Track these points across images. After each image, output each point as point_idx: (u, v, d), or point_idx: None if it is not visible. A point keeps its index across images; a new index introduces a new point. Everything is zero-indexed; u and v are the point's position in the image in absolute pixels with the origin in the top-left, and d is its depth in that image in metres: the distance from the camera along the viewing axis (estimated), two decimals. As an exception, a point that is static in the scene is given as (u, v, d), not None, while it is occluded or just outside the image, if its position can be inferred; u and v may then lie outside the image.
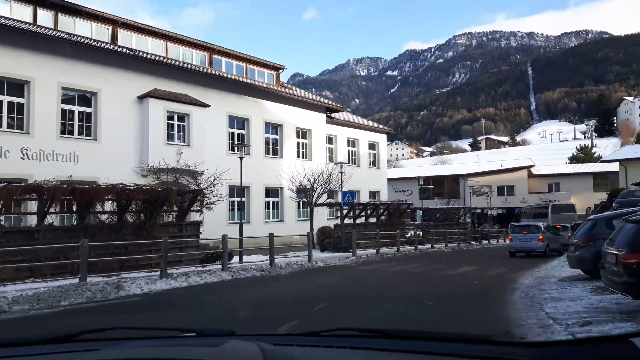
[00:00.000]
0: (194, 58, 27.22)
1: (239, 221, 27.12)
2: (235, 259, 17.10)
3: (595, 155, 78.63)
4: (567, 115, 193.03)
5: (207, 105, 24.73)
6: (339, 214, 25.51)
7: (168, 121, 23.50)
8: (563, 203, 47.22)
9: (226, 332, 1.67)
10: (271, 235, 16.31)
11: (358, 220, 25.80)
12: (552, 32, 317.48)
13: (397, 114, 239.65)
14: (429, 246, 26.70)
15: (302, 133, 31.38)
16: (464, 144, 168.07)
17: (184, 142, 23.98)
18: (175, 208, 16.46)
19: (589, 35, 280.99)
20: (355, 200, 24.30)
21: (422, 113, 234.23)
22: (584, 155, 76.74)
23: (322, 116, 32.63)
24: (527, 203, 54.56)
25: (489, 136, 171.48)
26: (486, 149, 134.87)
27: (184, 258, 15.91)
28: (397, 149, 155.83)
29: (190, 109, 24.17)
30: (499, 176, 60.00)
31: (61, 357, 1.45)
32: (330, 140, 34.40)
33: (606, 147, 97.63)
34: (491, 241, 35.03)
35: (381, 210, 26.40)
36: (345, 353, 1.46)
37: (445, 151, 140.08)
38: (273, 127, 29.67)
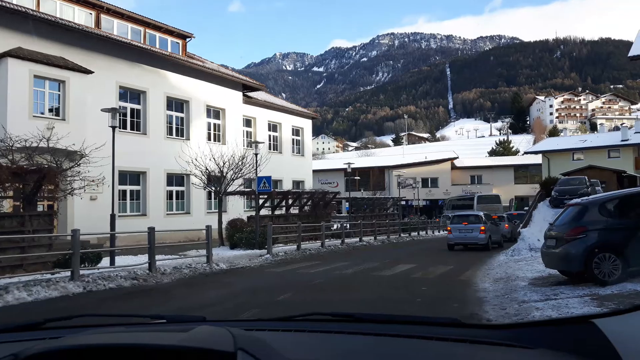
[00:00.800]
0: (77, 16, 21.88)
1: (134, 213, 22.13)
2: (106, 262, 12.44)
3: (513, 149, 79.81)
4: (482, 114, 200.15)
5: (90, 72, 19.64)
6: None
7: (36, 88, 18.29)
8: (488, 194, 46.01)
9: (197, 318, 1.64)
10: (151, 230, 11.84)
11: (278, 211, 21.79)
12: (469, 36, 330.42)
13: (324, 110, 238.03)
14: (357, 239, 23.22)
15: (214, 112, 26.83)
16: (387, 139, 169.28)
17: (58, 116, 18.82)
18: (12, 193, 11.55)
19: (502, 40, 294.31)
20: (274, 188, 20.29)
21: (347, 109, 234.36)
22: (503, 149, 77.57)
23: (239, 95, 28.20)
24: (450, 195, 53.15)
25: (411, 132, 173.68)
26: (408, 144, 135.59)
27: (26, 262, 11.16)
28: (323, 142, 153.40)
29: (66, 74, 19.01)
30: (423, 168, 58.35)
31: (25, 344, 1.29)
32: (248, 122, 30.08)
33: (520, 142, 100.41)
34: (420, 233, 32.34)
35: (304, 200, 22.52)
36: (317, 337, 1.46)
37: (369, 145, 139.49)
38: (178, 104, 24.91)
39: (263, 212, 21.31)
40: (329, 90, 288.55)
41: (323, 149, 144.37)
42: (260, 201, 19.88)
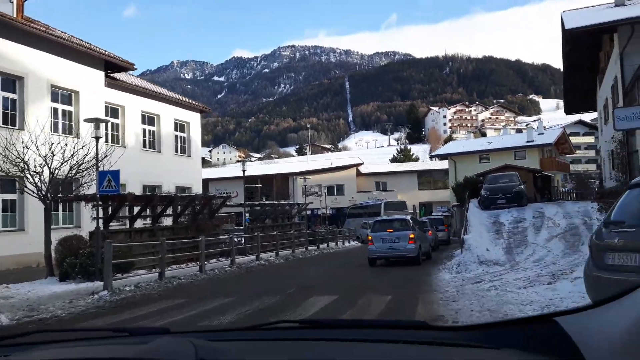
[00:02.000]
0: None
1: None
2: None
3: (414, 157, 78.89)
4: (379, 126, 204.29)
5: None
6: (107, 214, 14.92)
7: None
8: (395, 200, 42.86)
9: (161, 330, 1.56)
10: None
11: (140, 223, 15.59)
12: (366, 51, 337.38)
13: (225, 120, 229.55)
14: (254, 257, 17.67)
15: (63, 96, 19.95)
16: (291, 150, 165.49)
17: None
18: None
19: (397, 56, 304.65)
20: (127, 191, 14.19)
21: (250, 120, 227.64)
22: (404, 156, 76.31)
23: (99, 75, 21.50)
24: (356, 202, 49.37)
25: (314, 143, 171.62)
26: (312, 154, 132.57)
27: None
28: (224, 152, 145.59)
29: None
30: (328, 175, 54.20)
31: None
32: (114, 112, 23.40)
33: (418, 151, 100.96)
34: (330, 244, 27.53)
35: (180, 208, 16.51)
36: (283, 345, 1.39)
37: (273, 155, 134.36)
38: (8, 81, 17.88)
39: (116, 224, 15.05)
40: (231, 100, 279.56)
41: (224, 159, 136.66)
42: (109, 209, 13.58)
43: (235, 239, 18.77)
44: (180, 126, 27.59)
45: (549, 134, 42.87)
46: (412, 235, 15.23)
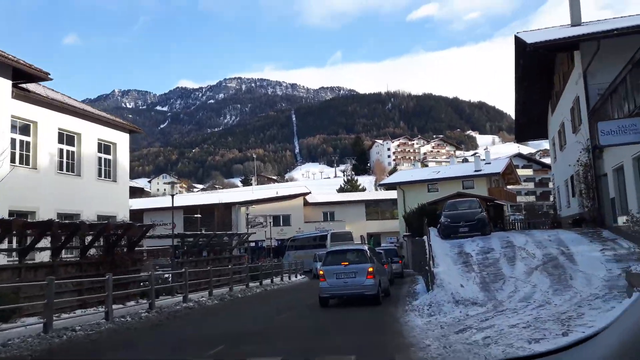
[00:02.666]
0: None
1: None
2: None
3: (360, 187, 77.61)
4: (325, 158, 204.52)
5: None
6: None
7: None
8: (342, 231, 40.70)
9: None
10: None
11: (37, 257, 12.26)
12: (312, 86, 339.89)
13: (168, 150, 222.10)
14: (181, 298, 14.59)
15: (-48, 104, 16.42)
16: (236, 181, 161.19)
17: None
18: None
19: (341, 91, 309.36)
20: (38, 219, 11.00)
21: (193, 150, 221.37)
22: (351, 187, 74.83)
23: (6, 84, 18.11)
24: (303, 232, 46.63)
25: (260, 174, 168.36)
26: (257, 185, 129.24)
27: None
28: (165, 182, 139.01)
29: None
30: (274, 205, 51.42)
31: None
32: (24, 128, 19.86)
33: (364, 182, 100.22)
34: (274, 279, 24.62)
35: (90, 238, 13.28)
36: None
37: (217, 186, 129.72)
38: None
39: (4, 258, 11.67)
40: (174, 130, 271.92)
41: (165, 189, 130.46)
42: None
43: (166, 276, 15.68)
44: (105, 147, 24.18)
45: (496, 164, 42.50)
46: (370, 269, 12.83)
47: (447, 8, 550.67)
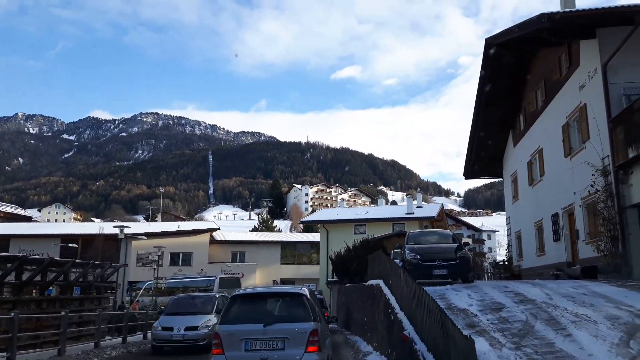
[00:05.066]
0: None
1: None
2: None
3: (276, 229, 70.86)
4: (240, 201, 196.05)
5: None
6: None
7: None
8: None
9: None
10: None
11: None
12: (233, 129, 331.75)
13: (69, 181, 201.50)
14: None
15: None
16: (140, 218, 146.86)
17: None
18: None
19: (262, 137, 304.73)
20: None
21: (98, 183, 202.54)
22: (266, 227, 67.78)
23: None
24: (205, 274, 38.28)
25: (169, 211, 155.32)
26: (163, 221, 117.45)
27: None
28: (57, 212, 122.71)
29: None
30: (174, 240, 43.07)
31: None
32: None
33: (280, 225, 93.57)
34: (148, 332, 16.95)
35: None
36: None
37: (115, 220, 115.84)
38: None
39: None
40: (80, 160, 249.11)
41: (56, 220, 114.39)
42: None
43: None
44: None
45: (429, 208, 38.26)
46: (314, 333, 6.37)
47: (369, 72, 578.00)
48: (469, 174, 25.02)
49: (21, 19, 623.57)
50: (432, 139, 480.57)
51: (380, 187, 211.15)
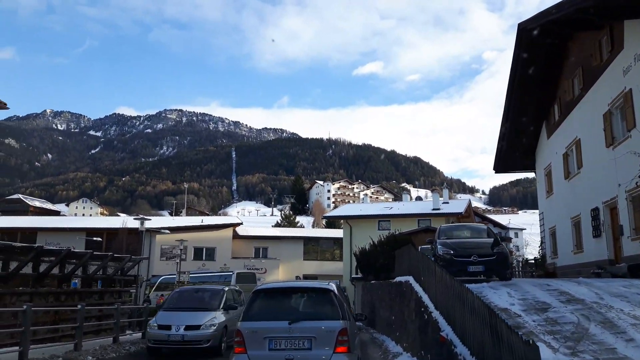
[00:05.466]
0: None
1: None
2: None
3: (299, 224, 70.48)
4: (263, 197, 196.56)
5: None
6: None
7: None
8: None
9: None
10: None
11: None
12: (256, 125, 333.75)
13: (96, 177, 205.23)
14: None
15: None
16: (165, 213, 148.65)
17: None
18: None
19: (284, 134, 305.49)
20: None
21: (124, 179, 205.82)
22: (288, 223, 67.51)
23: None
24: (229, 269, 37.95)
25: (193, 207, 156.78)
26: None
27: None
28: (84, 207, 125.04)
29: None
30: (198, 234, 42.96)
31: None
32: None
33: (302, 221, 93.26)
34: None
35: None
36: None
37: (141, 215, 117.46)
38: None
39: None
40: (106, 156, 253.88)
41: (83, 214, 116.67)
42: None
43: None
44: None
45: (455, 204, 37.22)
46: (343, 332, 5.76)
47: (391, 68, 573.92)
48: (499, 167, 23.96)
49: (49, 18, 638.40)
50: (456, 136, 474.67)
51: (403, 184, 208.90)
